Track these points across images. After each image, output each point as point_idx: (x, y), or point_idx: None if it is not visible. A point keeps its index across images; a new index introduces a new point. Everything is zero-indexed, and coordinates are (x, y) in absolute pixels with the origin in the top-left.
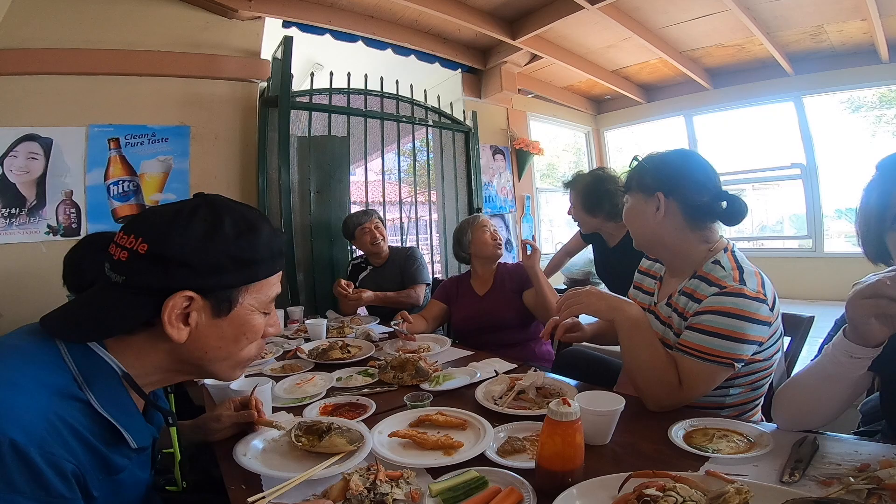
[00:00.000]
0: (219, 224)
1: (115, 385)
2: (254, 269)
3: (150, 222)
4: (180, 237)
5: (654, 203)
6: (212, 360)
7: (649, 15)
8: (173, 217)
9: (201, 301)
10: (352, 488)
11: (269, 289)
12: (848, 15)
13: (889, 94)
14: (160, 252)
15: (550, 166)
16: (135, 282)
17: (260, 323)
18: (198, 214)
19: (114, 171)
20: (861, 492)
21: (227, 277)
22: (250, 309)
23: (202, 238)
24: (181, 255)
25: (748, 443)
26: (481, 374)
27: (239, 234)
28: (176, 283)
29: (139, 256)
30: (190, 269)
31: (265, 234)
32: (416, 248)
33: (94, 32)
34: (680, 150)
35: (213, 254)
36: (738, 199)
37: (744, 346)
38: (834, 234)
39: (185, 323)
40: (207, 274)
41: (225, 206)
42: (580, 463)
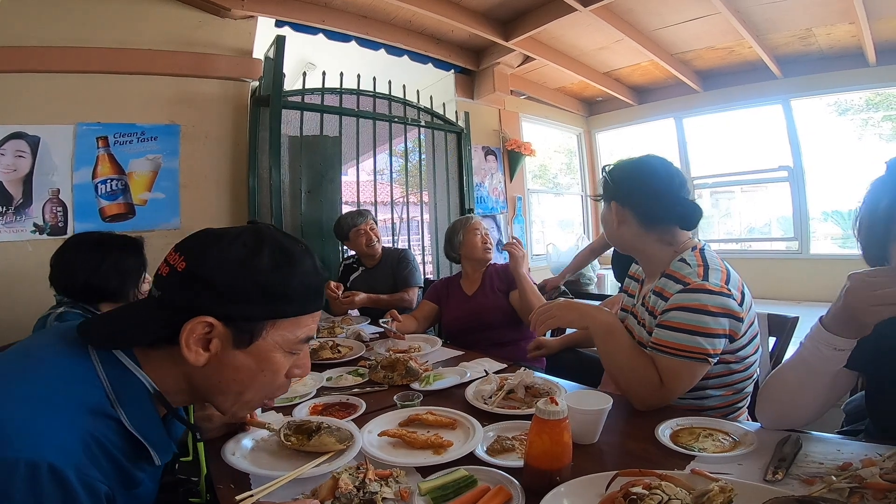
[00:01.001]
0: (256, 252)
1: (145, 403)
2: (283, 304)
3: (196, 241)
4: (215, 260)
5: (612, 212)
6: (223, 391)
7: (641, 17)
8: (216, 239)
9: (222, 329)
10: (341, 487)
11: (298, 328)
12: (836, 18)
13: (876, 97)
14: (194, 272)
15: (542, 167)
16: (167, 298)
17: (282, 362)
18: (239, 239)
19: (102, 170)
20: (843, 490)
21: (251, 308)
22: (273, 346)
23: (235, 264)
24: (210, 278)
25: (733, 442)
26: (471, 374)
27: (275, 266)
28: (201, 306)
29: (177, 274)
30: (216, 294)
31: (303, 270)
32: (409, 251)
33: (85, 30)
34: (641, 158)
35: (242, 281)
36: (693, 204)
37: (713, 340)
38: (820, 236)
39: (206, 348)
40: (232, 301)
41: (270, 235)
42: (568, 461)
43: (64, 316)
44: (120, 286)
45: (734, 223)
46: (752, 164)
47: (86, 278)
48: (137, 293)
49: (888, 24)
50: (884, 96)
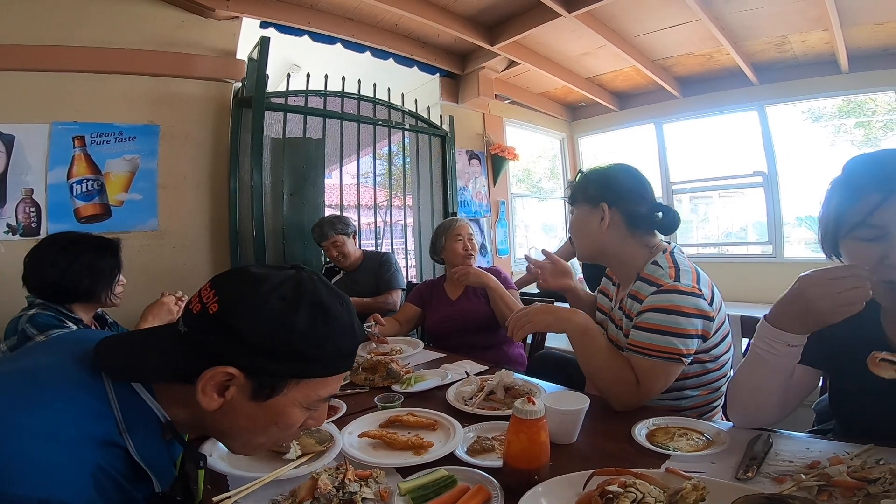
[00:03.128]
0: (294, 308)
1: (154, 432)
2: (312, 365)
3: (234, 282)
4: (250, 310)
5: (599, 213)
6: (233, 435)
7: (624, 24)
8: (254, 285)
9: (243, 380)
10: (320, 487)
11: (323, 388)
12: (811, 25)
13: (848, 104)
14: (225, 319)
15: (526, 172)
16: (193, 338)
17: (298, 417)
18: (278, 291)
19: (77, 170)
20: (812, 488)
21: (278, 366)
22: (293, 402)
23: (270, 319)
24: (242, 330)
25: (707, 441)
26: (452, 376)
27: (311, 326)
28: (226, 354)
29: (207, 315)
30: (244, 346)
31: (339, 332)
32: (391, 254)
33: (64, 29)
34: (620, 164)
35: (274, 339)
36: (672, 210)
37: (686, 341)
38: (794, 241)
39: (221, 394)
40: (259, 356)
41: (311, 289)
42: (546, 461)
43: (36, 317)
44: (91, 287)
45: (712, 228)
46: (729, 169)
47: (56, 278)
48: (110, 295)
49: (861, 31)
50: (856, 103)
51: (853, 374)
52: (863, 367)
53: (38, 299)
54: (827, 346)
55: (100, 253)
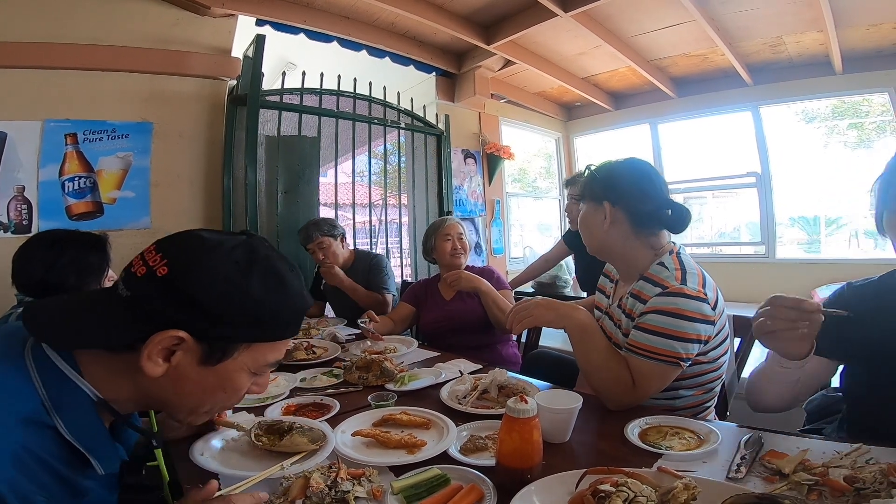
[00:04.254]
0: (247, 273)
1: (85, 411)
2: (265, 330)
3: (184, 246)
4: (202, 275)
5: (602, 212)
6: (178, 404)
7: (620, 24)
8: (207, 249)
9: (192, 344)
10: (312, 486)
11: (271, 352)
12: (806, 26)
13: (841, 105)
14: (175, 282)
15: (521, 171)
16: (139, 303)
17: (244, 382)
18: (232, 255)
19: (70, 167)
20: (802, 487)
21: (231, 331)
22: (242, 367)
23: (223, 283)
24: (194, 294)
25: (699, 440)
26: (446, 375)
27: (265, 290)
28: (177, 320)
29: (155, 278)
30: (199, 311)
31: (291, 295)
32: (382, 256)
33: (57, 26)
34: (629, 160)
35: (228, 303)
36: (683, 207)
37: (687, 345)
38: (787, 241)
39: (166, 360)
40: (214, 323)
41: (265, 255)
42: (539, 460)
43: None
44: (78, 283)
45: (705, 228)
46: (722, 169)
47: (42, 275)
48: None
49: (855, 32)
50: (849, 104)
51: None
52: None
53: (26, 297)
54: (857, 337)
55: (86, 249)
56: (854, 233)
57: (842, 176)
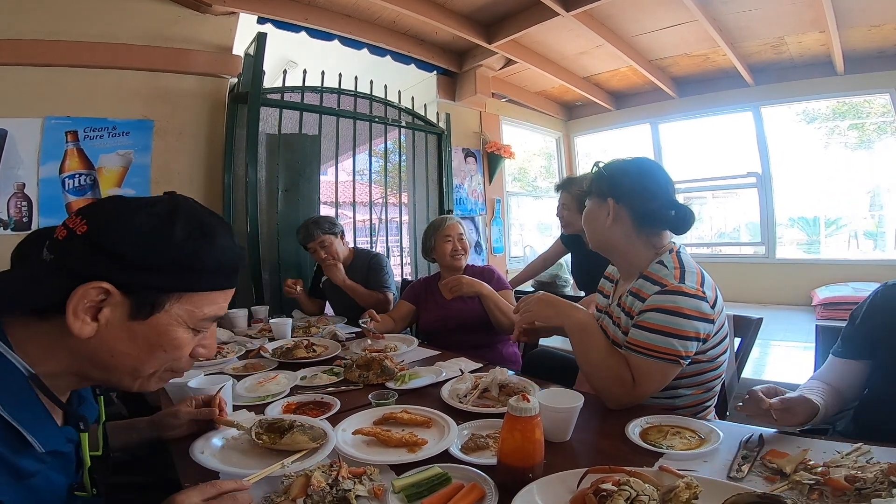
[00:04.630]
0: (169, 223)
1: (19, 386)
2: (195, 277)
3: (103, 207)
4: (122, 227)
5: (606, 208)
6: (118, 367)
7: (622, 23)
8: (126, 206)
9: (119, 297)
10: (313, 484)
11: (207, 304)
12: (808, 27)
13: (842, 106)
14: (96, 236)
15: (521, 170)
16: (61, 262)
17: (183, 338)
18: (153, 209)
19: (70, 165)
20: (804, 487)
21: (157, 278)
22: (176, 319)
23: (146, 233)
24: (115, 245)
25: (699, 439)
26: (447, 373)
27: (188, 238)
28: (99, 272)
29: (75, 237)
30: (120, 261)
31: (220, 245)
32: (381, 255)
33: (58, 23)
34: (637, 159)
35: (152, 251)
36: (687, 208)
37: (686, 343)
38: (786, 242)
39: (95, 318)
40: (137, 270)
41: (188, 208)
42: (540, 459)
43: None
44: None
45: (705, 228)
46: (723, 170)
47: None
48: None
49: (857, 33)
50: (850, 105)
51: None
52: None
53: None
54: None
55: None
56: (854, 233)
57: (842, 177)
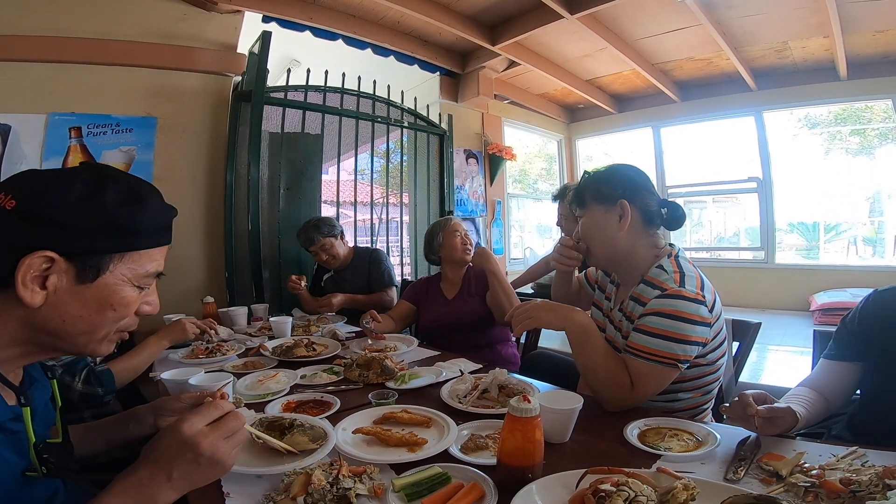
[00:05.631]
0: (100, 189)
1: None
2: (132, 238)
3: (26, 180)
4: (55, 198)
5: (617, 212)
6: (71, 331)
7: (625, 26)
8: (53, 178)
9: (64, 264)
10: (314, 483)
11: (147, 262)
12: (812, 31)
13: (844, 112)
14: (29, 209)
15: (522, 172)
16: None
17: (131, 296)
18: (79, 178)
19: (73, 161)
20: (799, 489)
21: (99, 242)
22: (121, 279)
23: (79, 200)
24: (51, 215)
25: (697, 442)
26: (447, 374)
27: (121, 203)
28: (40, 242)
29: (4, 212)
30: (59, 230)
31: (152, 207)
32: (381, 250)
33: (64, 20)
34: (624, 164)
35: (89, 217)
36: (677, 205)
37: (686, 347)
38: (785, 247)
39: (43, 287)
40: (78, 236)
41: (112, 174)
42: (540, 459)
43: None
44: None
45: (705, 232)
46: (724, 174)
47: None
48: None
49: (861, 38)
50: (852, 111)
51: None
52: None
53: None
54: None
55: None
56: (853, 239)
57: (842, 183)
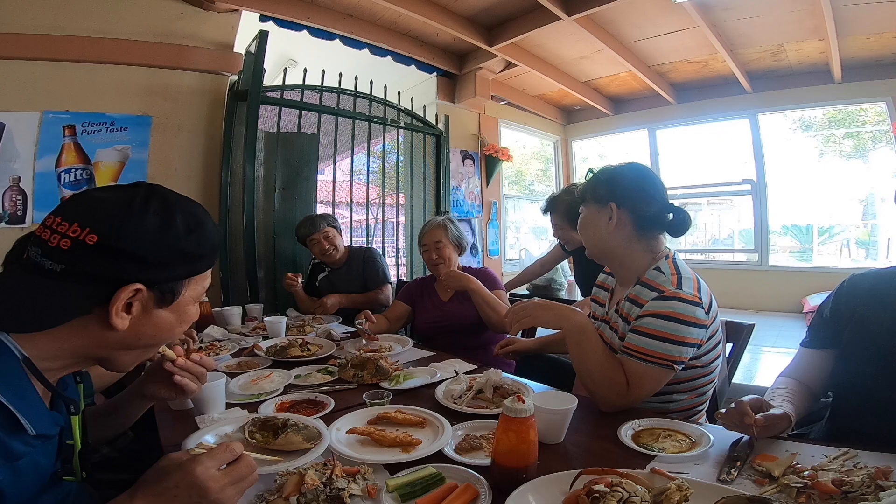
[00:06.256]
0: (171, 220)
1: (13, 369)
2: (198, 262)
3: (98, 211)
4: (135, 231)
5: (607, 213)
6: (134, 347)
7: (622, 28)
8: (125, 209)
9: (146, 292)
10: (307, 483)
11: (205, 280)
12: (807, 34)
13: (838, 114)
14: (113, 245)
15: (519, 173)
16: (79, 271)
17: (194, 312)
18: (150, 208)
19: (66, 159)
20: (792, 490)
21: (174, 271)
22: (189, 300)
23: (156, 233)
24: (133, 249)
25: (690, 442)
26: (442, 374)
27: (189, 231)
28: (126, 274)
29: (86, 247)
30: (140, 263)
31: (209, 230)
32: (375, 249)
33: (60, 18)
34: (632, 164)
35: (165, 249)
36: (683, 211)
37: (682, 348)
38: (779, 249)
39: (129, 312)
40: (156, 267)
41: (175, 200)
42: (534, 460)
43: None
44: None
45: (700, 234)
46: (718, 177)
47: None
48: None
49: (856, 41)
50: (846, 113)
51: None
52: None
53: None
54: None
55: None
56: (846, 242)
57: (836, 185)
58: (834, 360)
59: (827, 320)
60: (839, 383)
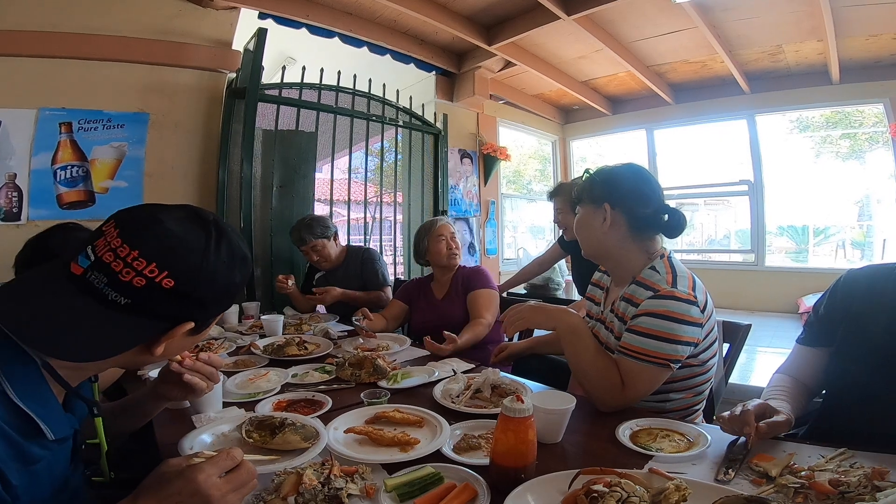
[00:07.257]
0: (234, 264)
1: (34, 376)
2: (236, 296)
3: (176, 256)
4: (208, 279)
5: (602, 213)
6: (155, 361)
7: (622, 28)
8: (202, 255)
9: (191, 324)
10: (305, 483)
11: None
12: (806, 35)
13: (835, 115)
14: (185, 292)
15: (516, 173)
16: (148, 309)
17: (211, 331)
18: (221, 254)
19: (63, 156)
20: (789, 490)
21: (221, 307)
22: (212, 324)
23: (223, 279)
24: (201, 297)
25: (688, 442)
26: (439, 373)
27: (243, 278)
28: (185, 314)
29: (161, 289)
30: (205, 304)
31: (249, 263)
32: (373, 249)
33: (57, 15)
34: (628, 165)
35: (223, 290)
36: (679, 212)
37: (678, 347)
38: (775, 250)
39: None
40: (214, 306)
41: (235, 240)
42: (533, 459)
43: None
44: None
45: (696, 235)
46: (716, 177)
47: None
48: None
49: (854, 42)
50: (843, 114)
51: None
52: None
53: None
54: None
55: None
56: (841, 243)
57: (832, 186)
58: (828, 358)
59: (822, 318)
60: (832, 382)
